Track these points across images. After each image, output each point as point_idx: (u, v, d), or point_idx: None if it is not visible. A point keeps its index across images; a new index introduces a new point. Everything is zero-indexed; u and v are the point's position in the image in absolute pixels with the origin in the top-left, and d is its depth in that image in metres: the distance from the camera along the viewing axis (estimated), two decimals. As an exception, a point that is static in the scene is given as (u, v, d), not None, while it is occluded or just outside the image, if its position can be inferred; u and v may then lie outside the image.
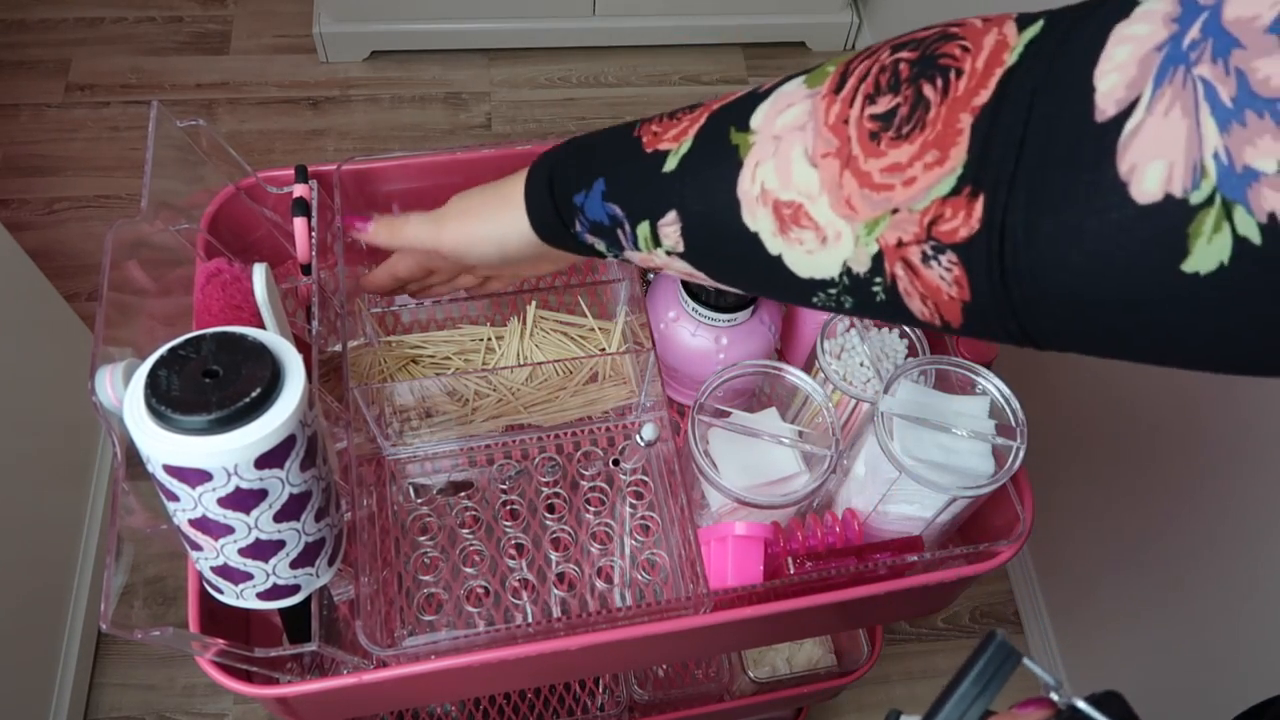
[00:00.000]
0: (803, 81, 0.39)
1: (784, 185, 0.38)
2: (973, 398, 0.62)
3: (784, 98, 0.39)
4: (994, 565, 0.62)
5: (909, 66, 0.34)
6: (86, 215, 1.68)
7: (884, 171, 0.34)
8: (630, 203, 0.46)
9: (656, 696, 1.00)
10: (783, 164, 0.38)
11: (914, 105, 0.34)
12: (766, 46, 1.98)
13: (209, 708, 1.30)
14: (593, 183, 0.47)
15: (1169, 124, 0.26)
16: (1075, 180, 0.29)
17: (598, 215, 0.48)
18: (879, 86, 0.35)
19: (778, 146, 0.38)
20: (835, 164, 0.36)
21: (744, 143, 0.40)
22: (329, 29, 1.82)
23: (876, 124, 0.35)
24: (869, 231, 0.35)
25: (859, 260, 0.36)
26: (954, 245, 0.33)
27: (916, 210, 0.33)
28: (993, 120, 0.31)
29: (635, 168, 0.45)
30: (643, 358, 0.67)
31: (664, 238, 0.45)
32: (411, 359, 0.71)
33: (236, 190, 0.69)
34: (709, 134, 0.42)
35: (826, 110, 0.37)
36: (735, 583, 0.60)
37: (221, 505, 0.46)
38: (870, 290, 0.37)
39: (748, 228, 0.40)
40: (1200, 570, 1.02)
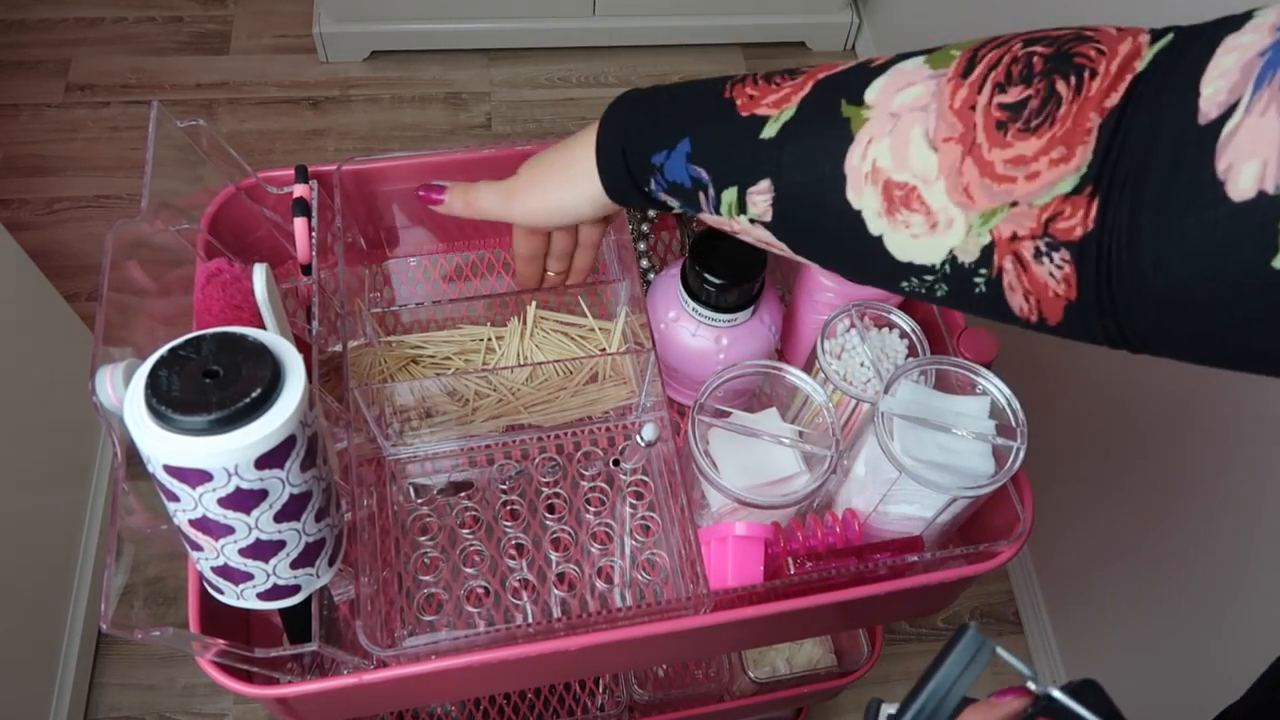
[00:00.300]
0: (924, 61, 0.38)
1: (899, 165, 0.37)
2: (973, 398, 0.62)
3: (903, 75, 0.38)
4: (994, 565, 0.62)
5: (1043, 61, 0.34)
6: (86, 215, 1.68)
7: (1008, 163, 0.34)
8: (719, 167, 0.44)
9: (656, 696, 1.00)
10: (899, 143, 0.37)
11: (1045, 99, 0.33)
12: (766, 46, 1.98)
13: (209, 708, 1.30)
14: (676, 142, 0.45)
15: (1264, 124, 0.27)
16: (1176, 181, 0.29)
17: (679, 176, 0.46)
18: (1010, 76, 0.35)
19: (895, 125, 0.37)
20: (957, 150, 0.35)
21: (856, 116, 0.39)
22: (329, 29, 1.82)
23: (1005, 114, 0.34)
24: (984, 222, 0.35)
25: (967, 250, 0.36)
26: (1068, 243, 0.33)
27: (1036, 205, 0.33)
28: (1118, 123, 0.31)
29: (727, 131, 0.43)
30: (643, 358, 0.67)
31: (751, 205, 0.43)
32: (411, 359, 0.71)
33: (236, 190, 0.69)
34: (816, 104, 0.41)
35: (953, 94, 0.36)
36: (735, 583, 0.60)
37: (222, 505, 0.46)
38: (971, 281, 0.37)
39: (850, 205, 0.39)
40: (1200, 569, 1.02)
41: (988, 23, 1.43)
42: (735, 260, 0.64)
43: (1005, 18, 1.38)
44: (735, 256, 0.64)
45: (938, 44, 0.41)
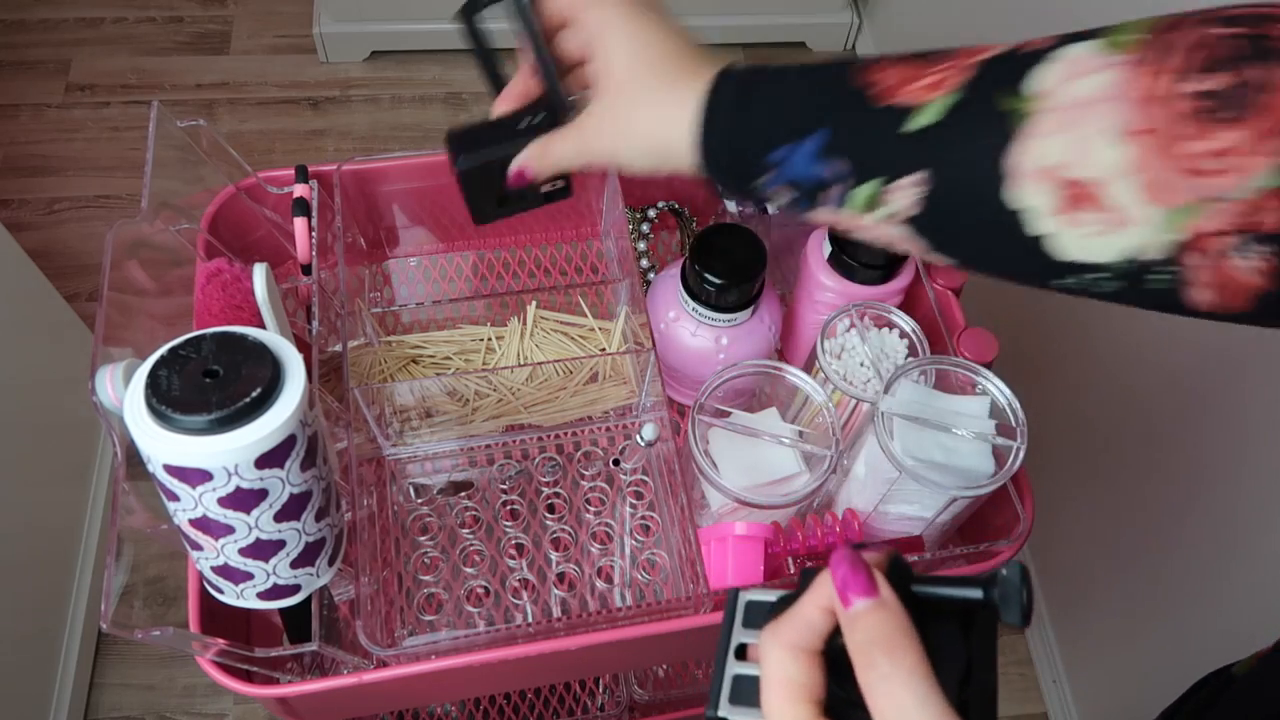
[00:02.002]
0: (1100, 46, 0.36)
1: (1079, 162, 0.35)
2: (973, 398, 0.62)
3: (1076, 63, 0.36)
4: (994, 565, 0.62)
5: (1246, 44, 0.32)
6: (86, 215, 1.68)
7: (1210, 156, 0.32)
8: (859, 159, 0.41)
9: (656, 696, 1.00)
10: (1079, 139, 0.35)
11: (1247, 87, 0.32)
12: (766, 46, 1.97)
13: (209, 708, 1.30)
14: (807, 135, 0.42)
15: None
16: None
17: (805, 171, 0.42)
18: (1206, 62, 0.33)
19: (1073, 118, 0.35)
20: (1148, 143, 0.33)
21: (1019, 109, 0.36)
22: (329, 29, 1.82)
23: (1205, 102, 0.32)
24: (1181, 218, 0.33)
25: (1152, 248, 0.34)
26: (1272, 235, 0.32)
27: (1237, 199, 0.32)
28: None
29: (866, 121, 0.41)
30: (643, 358, 0.67)
31: (891, 201, 0.40)
32: (411, 359, 0.71)
33: (236, 190, 0.69)
34: (970, 93, 0.38)
35: (1143, 81, 0.34)
36: (735, 582, 0.60)
37: (222, 505, 0.46)
38: (1147, 278, 0.35)
39: (1006, 204, 0.37)
40: (1200, 569, 1.02)
41: (987, 22, 1.43)
42: (735, 260, 0.64)
43: (1005, 17, 1.38)
44: (735, 256, 0.64)
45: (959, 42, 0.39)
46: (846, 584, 0.32)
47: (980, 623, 0.34)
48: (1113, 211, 0.34)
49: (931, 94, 0.39)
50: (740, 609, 0.38)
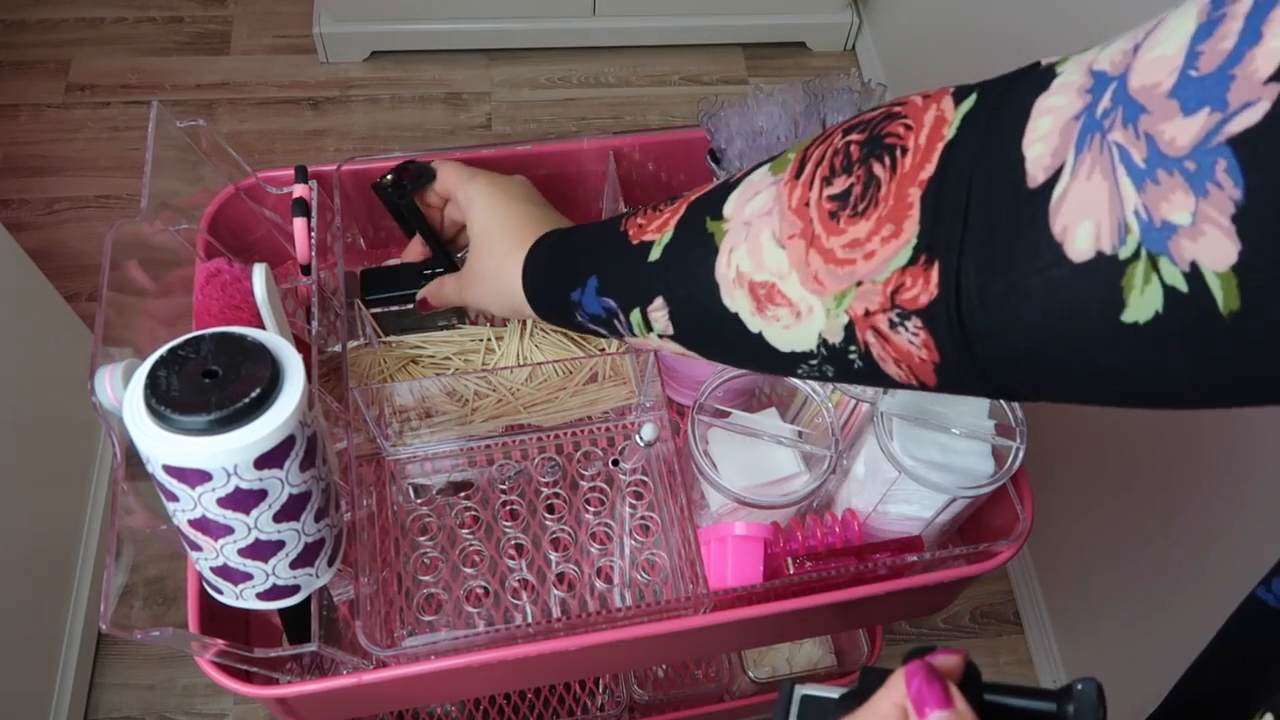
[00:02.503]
0: (768, 170, 0.41)
1: (757, 267, 0.40)
2: (973, 398, 0.62)
3: (751, 186, 0.42)
4: (994, 565, 0.62)
5: (859, 148, 0.37)
6: (86, 215, 1.68)
7: (845, 247, 0.36)
8: (621, 294, 0.49)
9: (656, 696, 1.00)
10: (754, 248, 0.40)
11: (866, 184, 0.36)
12: (766, 46, 1.97)
13: (209, 708, 1.30)
14: (586, 280, 0.51)
15: (1092, 187, 0.28)
16: (1016, 243, 0.31)
17: (594, 309, 0.51)
18: (834, 169, 0.37)
19: (748, 231, 0.41)
20: (801, 244, 0.38)
21: (718, 230, 0.43)
22: (329, 29, 1.82)
23: (834, 204, 0.37)
24: (838, 304, 0.37)
25: (832, 331, 0.38)
26: (917, 311, 0.34)
27: (879, 281, 0.35)
28: (939, 192, 0.33)
29: (623, 260, 0.48)
30: (643, 358, 0.67)
31: (654, 322, 0.47)
32: (411, 359, 0.71)
33: (236, 190, 0.69)
34: (687, 224, 0.45)
35: (789, 195, 0.39)
36: (735, 583, 0.60)
37: (221, 505, 0.46)
38: (848, 359, 0.39)
39: (728, 308, 0.42)
40: (1201, 569, 1.02)
41: (986, 22, 1.43)
42: None
43: (1004, 17, 1.38)
44: None
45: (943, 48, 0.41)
46: (922, 695, 0.35)
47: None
48: (793, 304, 0.39)
49: (660, 232, 0.46)
50: (796, 703, 0.39)
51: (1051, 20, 1.24)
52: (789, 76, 1.93)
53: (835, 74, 0.66)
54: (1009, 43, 1.36)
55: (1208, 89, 0.25)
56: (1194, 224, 0.26)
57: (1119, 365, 0.30)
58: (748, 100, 0.66)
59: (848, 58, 1.98)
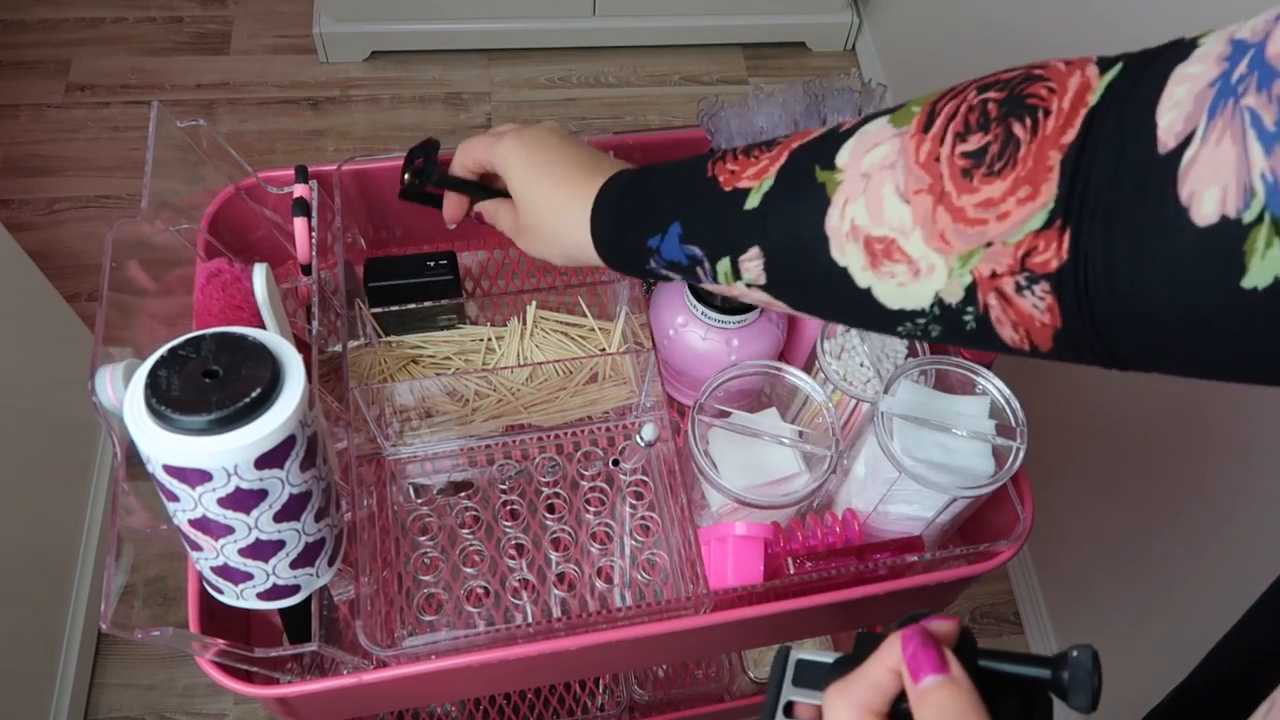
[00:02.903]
0: (888, 121, 0.40)
1: (875, 221, 0.39)
2: (973, 398, 0.62)
3: (869, 137, 0.40)
4: (994, 565, 0.62)
5: (997, 106, 0.36)
6: (86, 215, 1.68)
7: (978, 206, 0.36)
8: (710, 241, 0.47)
9: (656, 696, 1.00)
10: (873, 201, 0.39)
11: (1005, 143, 0.35)
12: (766, 46, 1.97)
13: (209, 708, 1.30)
14: (668, 226, 0.48)
15: (1221, 151, 0.29)
16: (1144, 209, 0.31)
17: (675, 256, 0.49)
18: (969, 125, 0.37)
19: (867, 184, 0.39)
20: (928, 200, 0.37)
21: (830, 180, 0.41)
22: (329, 29, 1.82)
23: (968, 161, 0.36)
24: (963, 264, 0.37)
25: (952, 291, 0.38)
26: (1046, 275, 0.34)
27: (1010, 243, 0.35)
28: (1078, 157, 0.33)
29: (713, 207, 0.46)
30: (643, 358, 0.67)
31: (745, 271, 0.46)
32: (411, 359, 0.71)
33: (236, 190, 0.69)
34: (792, 171, 0.43)
35: (916, 148, 0.38)
36: (735, 583, 0.60)
37: (221, 505, 0.46)
38: (961, 319, 0.38)
39: (836, 263, 0.41)
40: (1201, 568, 1.02)
41: (987, 22, 1.43)
42: None
43: (1004, 16, 1.38)
44: None
45: (943, 48, 0.41)
46: (917, 659, 0.34)
47: (1041, 700, 0.35)
48: (913, 262, 0.38)
49: (758, 179, 0.45)
50: (791, 667, 0.39)
51: (1052, 19, 1.24)
52: (789, 77, 1.93)
53: (835, 74, 0.66)
54: (1009, 42, 1.36)
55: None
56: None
57: (1236, 333, 0.30)
58: (748, 100, 0.66)
59: (848, 58, 1.98)
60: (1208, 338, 0.31)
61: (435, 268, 0.70)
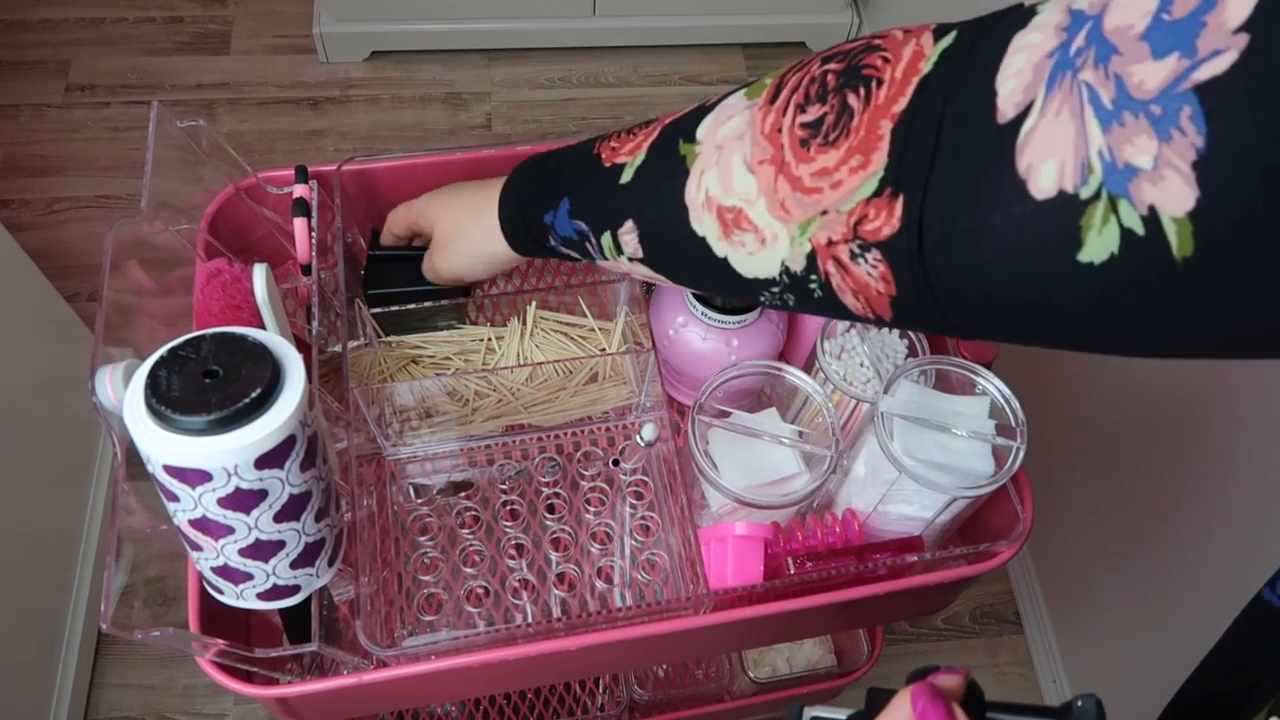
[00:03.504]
0: (743, 94, 0.42)
1: (726, 191, 0.40)
2: (973, 398, 0.62)
3: (726, 110, 0.42)
4: (994, 565, 0.62)
5: (835, 77, 0.37)
6: (86, 215, 1.68)
7: (814, 175, 0.37)
8: (593, 216, 0.49)
9: (656, 696, 1.00)
10: (724, 171, 0.40)
11: (839, 113, 0.36)
12: (766, 46, 1.97)
13: (209, 708, 1.30)
14: (559, 202, 0.51)
15: (1059, 125, 0.29)
16: (982, 179, 0.31)
17: (567, 231, 0.51)
18: (809, 96, 0.38)
19: (719, 155, 0.41)
20: (770, 170, 0.38)
21: (690, 153, 0.43)
22: (329, 29, 1.82)
23: (806, 131, 0.37)
24: (802, 232, 0.38)
25: (795, 259, 0.39)
26: (878, 243, 0.35)
27: (844, 211, 0.36)
28: (909, 126, 0.33)
29: (595, 182, 0.48)
30: (643, 358, 0.67)
31: (624, 245, 0.47)
32: (411, 359, 0.71)
33: (236, 190, 0.69)
34: (660, 146, 0.45)
35: (762, 120, 0.39)
36: (735, 583, 0.60)
37: (221, 505, 0.46)
38: (808, 287, 0.39)
39: (695, 232, 0.42)
40: (1201, 568, 1.02)
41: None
42: None
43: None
44: None
45: None
46: (926, 717, 0.35)
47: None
48: (759, 230, 0.39)
49: (635, 152, 0.46)
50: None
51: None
52: (789, 76, 1.92)
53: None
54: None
55: (1179, 34, 0.25)
56: (1155, 168, 0.26)
57: (1073, 306, 0.30)
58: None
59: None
60: (1046, 310, 0.31)
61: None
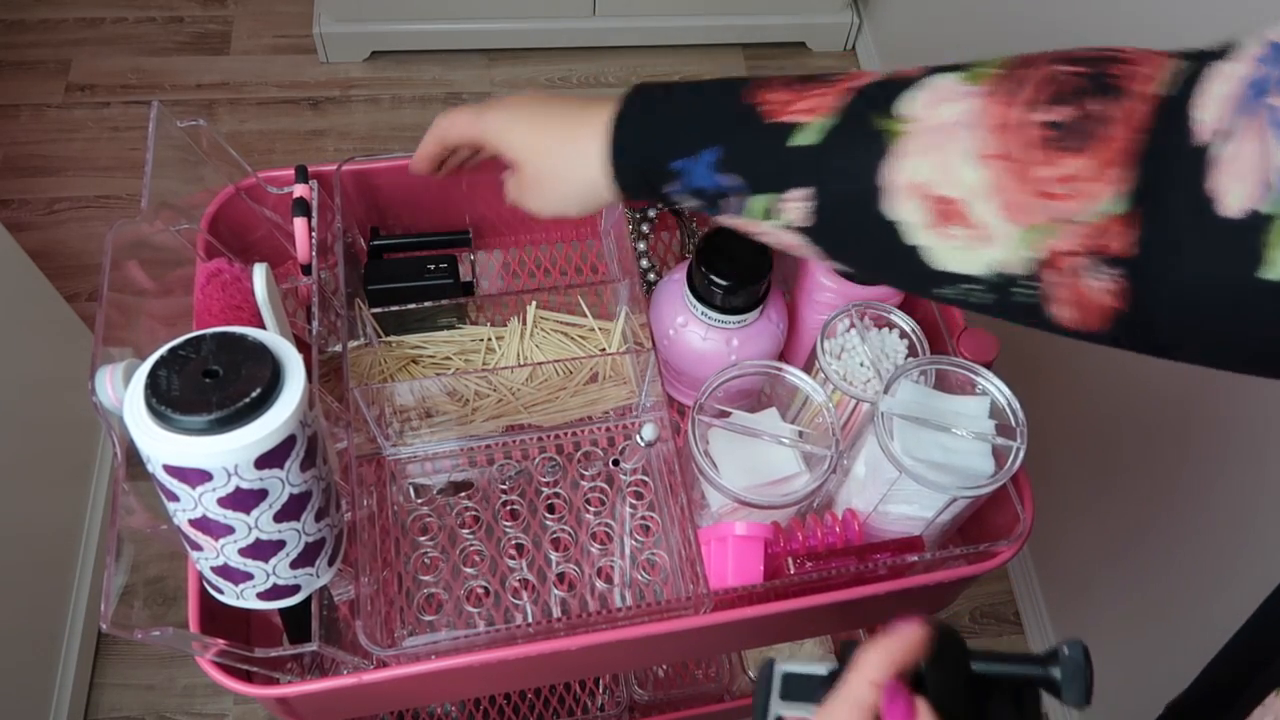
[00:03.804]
0: (960, 79, 0.39)
1: (943, 181, 0.37)
2: (973, 398, 0.62)
3: (937, 90, 0.39)
4: (994, 565, 0.62)
5: (1080, 79, 0.36)
6: (86, 215, 1.68)
7: (1056, 181, 0.35)
8: (752, 174, 0.43)
9: (656, 696, 1.00)
10: (943, 160, 0.37)
11: (1088, 119, 0.35)
12: (766, 46, 1.97)
13: (209, 708, 1.30)
14: (699, 150, 0.45)
15: (1247, 147, 0.30)
16: (1178, 199, 0.32)
17: (703, 182, 0.45)
18: (1052, 96, 0.36)
19: (937, 140, 0.38)
20: (1003, 167, 0.36)
21: (891, 129, 0.39)
22: (329, 29, 1.82)
23: (1049, 131, 0.35)
24: (1031, 236, 0.36)
25: (1012, 262, 0.37)
26: (1120, 260, 0.34)
27: (1085, 222, 0.34)
28: (1153, 143, 0.34)
29: (755, 137, 0.43)
30: (643, 358, 0.67)
31: (784, 211, 0.43)
32: (412, 359, 0.71)
33: (236, 190, 0.69)
34: (850, 113, 0.41)
35: (994, 111, 0.37)
36: (735, 583, 0.60)
37: (222, 505, 0.46)
38: (1012, 291, 0.38)
39: (884, 215, 0.39)
40: (1201, 568, 1.02)
41: (986, 23, 1.43)
42: (742, 262, 0.64)
43: (1004, 17, 1.38)
44: (741, 258, 0.64)
45: (944, 49, 0.42)
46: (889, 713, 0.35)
47: (1030, 695, 0.36)
48: (977, 228, 0.37)
49: (811, 115, 0.42)
50: (778, 680, 0.39)
51: (1051, 20, 1.24)
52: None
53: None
54: (1009, 43, 1.36)
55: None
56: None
57: (1261, 324, 0.32)
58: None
59: (848, 58, 1.98)
60: (1238, 330, 0.33)
61: (435, 270, 0.70)
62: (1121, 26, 1.08)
